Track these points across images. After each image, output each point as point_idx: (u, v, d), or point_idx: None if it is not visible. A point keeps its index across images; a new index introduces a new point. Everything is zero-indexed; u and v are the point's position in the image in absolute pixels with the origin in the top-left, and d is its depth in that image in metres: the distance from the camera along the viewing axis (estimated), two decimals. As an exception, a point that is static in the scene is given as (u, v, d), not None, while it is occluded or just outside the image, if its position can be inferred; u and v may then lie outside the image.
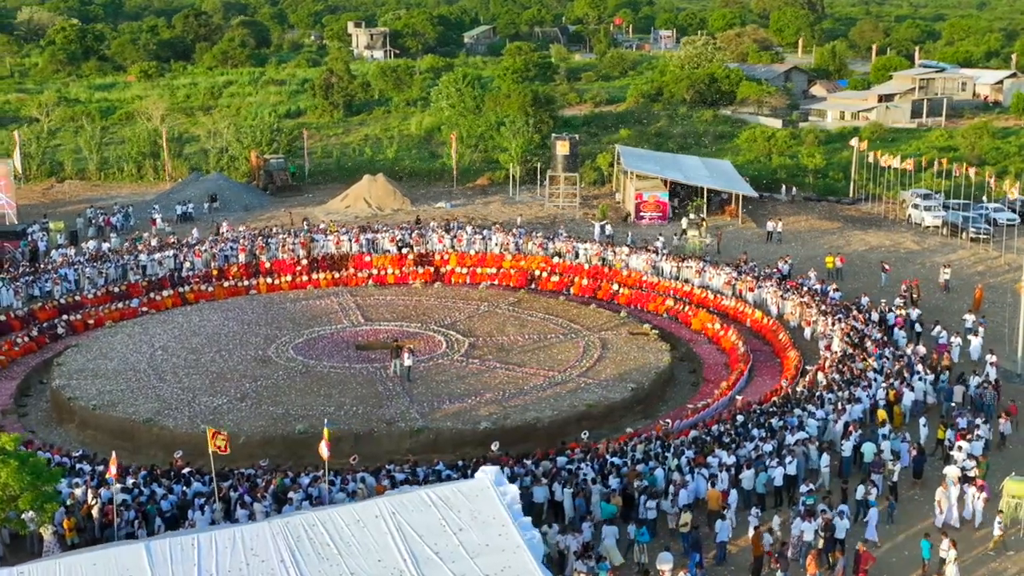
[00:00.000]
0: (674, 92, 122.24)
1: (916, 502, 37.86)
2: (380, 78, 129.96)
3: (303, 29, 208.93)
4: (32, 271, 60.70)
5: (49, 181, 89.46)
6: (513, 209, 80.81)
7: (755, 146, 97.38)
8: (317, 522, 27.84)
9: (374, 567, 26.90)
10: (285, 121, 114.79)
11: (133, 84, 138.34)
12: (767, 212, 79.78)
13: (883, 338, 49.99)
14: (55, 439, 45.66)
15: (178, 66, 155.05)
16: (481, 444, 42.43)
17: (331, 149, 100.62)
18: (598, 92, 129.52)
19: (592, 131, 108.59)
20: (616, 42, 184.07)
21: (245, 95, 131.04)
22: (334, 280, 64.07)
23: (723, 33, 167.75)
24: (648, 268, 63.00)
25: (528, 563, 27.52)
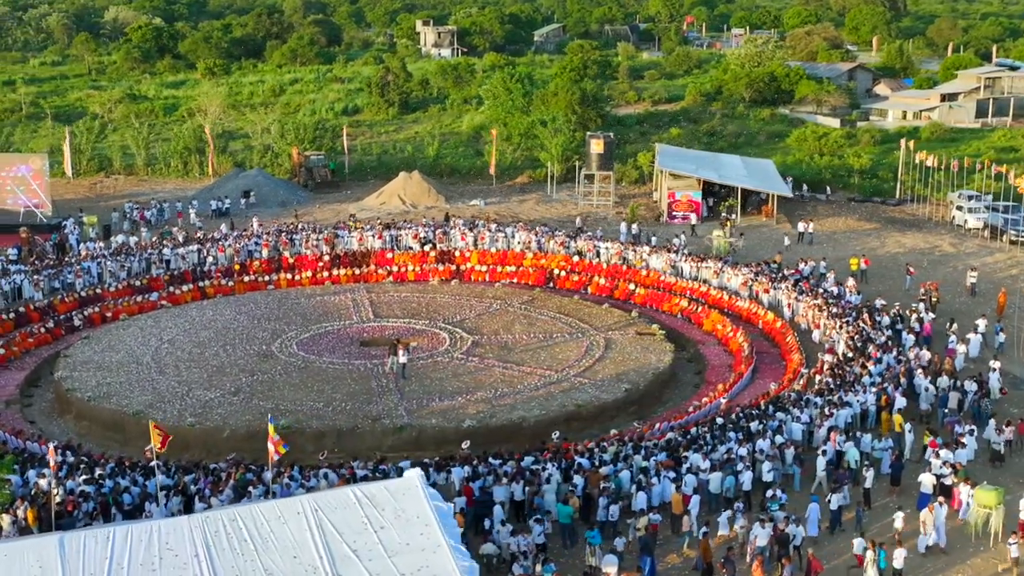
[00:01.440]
0: (733, 91, 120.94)
1: (890, 510, 36.91)
2: (440, 76, 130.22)
3: (379, 27, 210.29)
4: (56, 264, 61.70)
5: (98, 176, 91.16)
6: (547, 207, 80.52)
7: (805, 145, 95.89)
8: (237, 517, 27.89)
9: (289, 564, 26.87)
10: (341, 118, 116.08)
11: (201, 82, 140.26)
12: (807, 212, 78.46)
13: (888, 342, 48.80)
14: (54, 430, 46.53)
15: (248, 64, 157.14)
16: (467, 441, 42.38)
17: (372, 146, 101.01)
18: (657, 90, 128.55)
19: (644, 130, 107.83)
20: (687, 40, 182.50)
21: (308, 92, 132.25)
22: (354, 276, 64.29)
23: (793, 31, 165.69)
24: (667, 268, 62.34)
25: (447, 563, 27.29)
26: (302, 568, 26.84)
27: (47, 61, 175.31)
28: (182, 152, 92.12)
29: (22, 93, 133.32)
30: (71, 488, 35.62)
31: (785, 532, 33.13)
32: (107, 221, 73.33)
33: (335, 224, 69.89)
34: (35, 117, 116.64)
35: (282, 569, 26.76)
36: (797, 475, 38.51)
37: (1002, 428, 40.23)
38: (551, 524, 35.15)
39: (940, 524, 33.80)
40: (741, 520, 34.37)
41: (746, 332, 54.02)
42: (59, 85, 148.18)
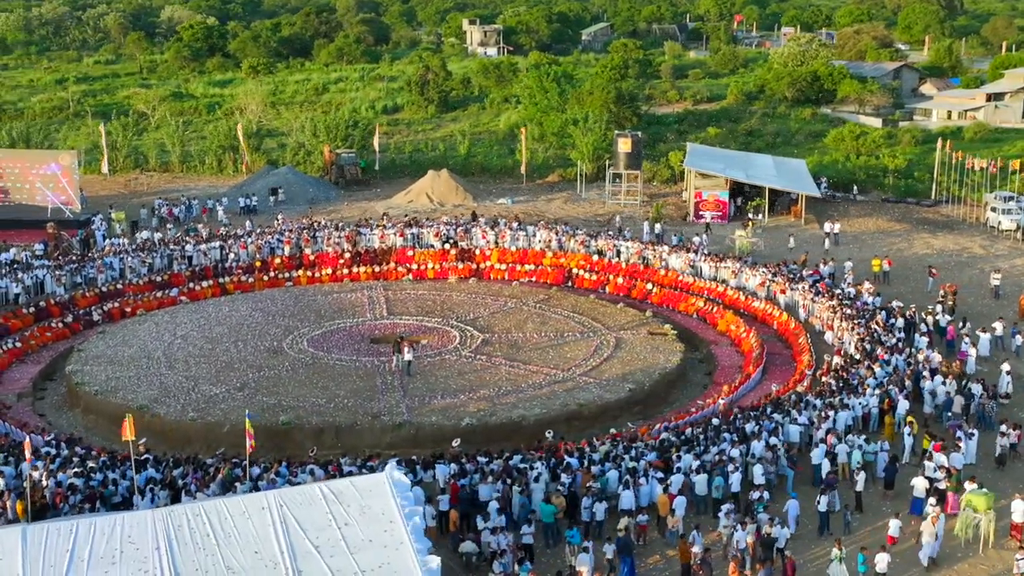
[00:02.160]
0: (775, 90, 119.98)
1: (883, 514, 36.41)
2: (482, 75, 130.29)
3: (430, 26, 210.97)
4: (79, 259, 62.43)
5: (134, 173, 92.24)
6: (575, 207, 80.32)
7: (842, 145, 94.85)
8: (202, 512, 28.02)
9: (249, 559, 26.96)
10: (381, 116, 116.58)
11: (247, 80, 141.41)
12: (837, 213, 77.62)
13: (898, 344, 48.09)
14: (63, 423, 47.12)
15: (296, 62, 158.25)
16: (464, 440, 42.15)
17: (405, 144, 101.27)
18: (699, 90, 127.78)
19: (682, 129, 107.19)
20: (736, 39, 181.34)
21: (350, 91, 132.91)
22: (374, 274, 64.46)
23: (841, 31, 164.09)
24: (686, 268, 61.91)
25: (408, 560, 27.27)
26: (262, 563, 26.91)
27: (101, 60, 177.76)
28: (216, 150, 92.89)
29: (72, 91, 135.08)
30: (61, 481, 35.97)
31: (769, 534, 32.72)
32: (135, 217, 74.13)
33: (357, 222, 70.00)
34: (81, 115, 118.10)
35: (242, 564, 26.84)
36: (791, 477, 38.05)
37: (1007, 432, 39.47)
38: (535, 523, 35.04)
39: (939, 535, 32.99)
40: (724, 521, 34.02)
41: (759, 333, 53.51)
42: (110, 84, 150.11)
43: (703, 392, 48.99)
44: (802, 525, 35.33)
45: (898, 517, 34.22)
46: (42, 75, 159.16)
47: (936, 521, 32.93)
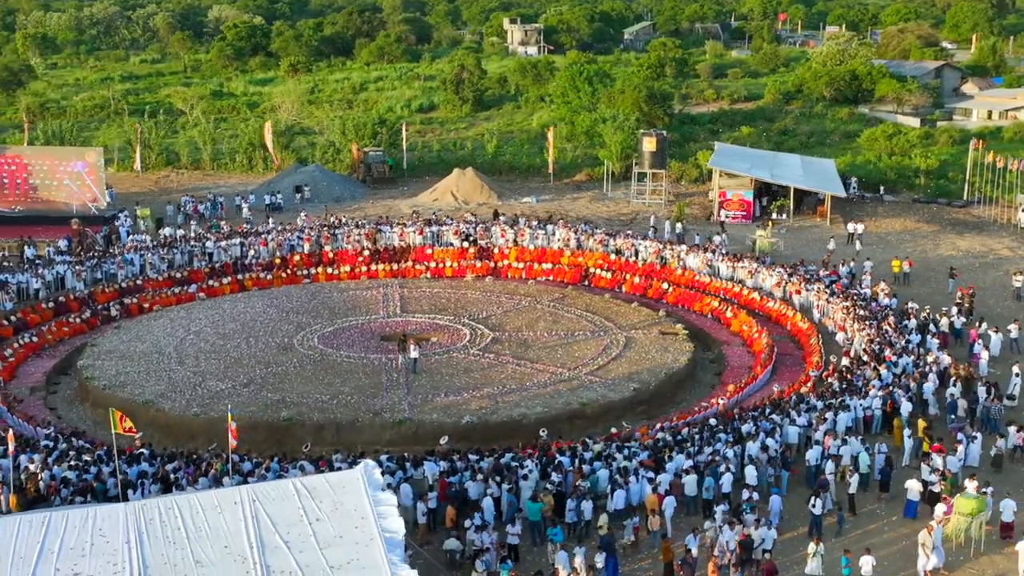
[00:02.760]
0: (812, 89, 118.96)
1: (875, 516, 36.05)
2: (519, 73, 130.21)
3: (474, 26, 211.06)
4: (99, 255, 63.06)
5: (165, 170, 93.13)
6: (600, 205, 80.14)
7: (876, 145, 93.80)
8: (175, 506, 28.23)
9: (218, 553, 27.09)
10: (415, 115, 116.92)
11: (286, 79, 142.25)
12: (865, 213, 76.84)
13: (907, 345, 47.55)
14: (73, 417, 47.66)
15: (337, 61, 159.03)
16: (463, 438, 42.44)
17: (433, 143, 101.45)
18: (737, 89, 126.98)
19: (716, 128, 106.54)
20: (780, 39, 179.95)
21: (388, 89, 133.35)
22: (392, 272, 64.62)
23: (886, 30, 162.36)
24: (704, 267, 61.55)
25: (377, 556, 27.28)
26: (231, 557, 27.03)
27: (147, 59, 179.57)
28: (247, 148, 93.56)
29: (116, 90, 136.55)
30: (55, 473, 36.37)
31: (750, 536, 32.47)
32: (161, 214, 74.85)
33: (377, 219, 70.21)
34: (119, 113, 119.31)
35: (211, 558, 26.97)
36: (785, 479, 37.74)
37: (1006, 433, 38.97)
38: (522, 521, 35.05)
39: (939, 544, 32.43)
40: (707, 523, 33.82)
41: (770, 333, 53.14)
42: (153, 82, 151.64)
43: (710, 392, 48.68)
44: (794, 527, 35.03)
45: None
46: (88, 74, 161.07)
47: (932, 531, 32.24)
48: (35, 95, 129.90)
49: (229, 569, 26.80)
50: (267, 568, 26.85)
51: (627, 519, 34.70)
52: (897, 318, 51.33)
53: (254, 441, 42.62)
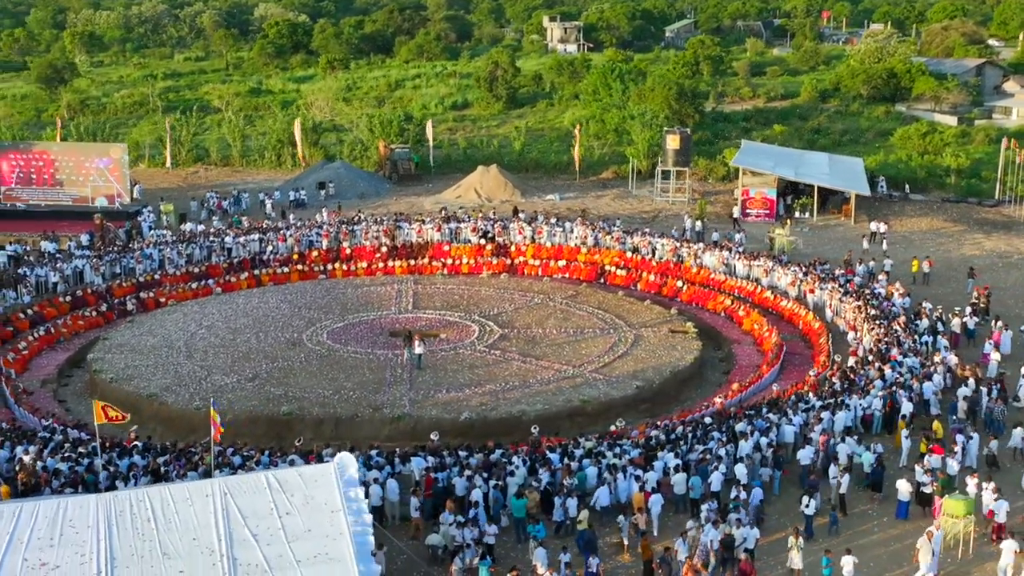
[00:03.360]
0: (849, 87, 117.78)
1: (867, 517, 35.63)
2: (555, 71, 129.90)
3: (517, 23, 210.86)
4: (120, 250, 63.63)
5: (195, 166, 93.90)
6: (623, 203, 79.89)
7: (909, 144, 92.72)
8: (146, 497, 28.39)
9: (186, 545, 27.22)
10: (450, 112, 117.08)
11: (324, 76, 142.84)
12: (893, 212, 76.03)
13: (914, 345, 46.96)
14: (82, 409, 48.10)
15: (377, 59, 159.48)
16: (461, 434, 42.45)
17: (459, 140, 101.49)
18: (774, 87, 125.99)
19: (749, 126, 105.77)
20: (823, 36, 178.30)
21: (425, 87, 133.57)
22: (409, 268, 64.72)
23: (929, 27, 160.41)
24: (720, 266, 61.14)
25: (345, 550, 27.34)
26: (198, 549, 27.16)
27: (191, 57, 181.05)
28: (275, 144, 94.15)
29: (158, 87, 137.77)
30: (48, 465, 36.70)
31: (731, 535, 32.18)
32: (184, 210, 75.47)
33: (396, 216, 70.34)
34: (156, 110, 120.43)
35: (178, 550, 27.12)
36: (777, 478, 37.40)
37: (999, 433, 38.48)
38: (507, 518, 34.99)
39: (937, 551, 31.71)
40: (690, 522, 33.53)
41: (780, 332, 52.74)
42: (195, 80, 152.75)
43: (715, 391, 48.32)
44: (783, 526, 34.60)
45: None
46: (131, 71, 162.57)
47: (932, 537, 31.67)
48: (76, 92, 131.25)
49: (196, 561, 26.93)
50: (234, 560, 26.95)
51: (615, 517, 34.49)
52: (909, 318, 50.67)
53: (254, 435, 43.02)
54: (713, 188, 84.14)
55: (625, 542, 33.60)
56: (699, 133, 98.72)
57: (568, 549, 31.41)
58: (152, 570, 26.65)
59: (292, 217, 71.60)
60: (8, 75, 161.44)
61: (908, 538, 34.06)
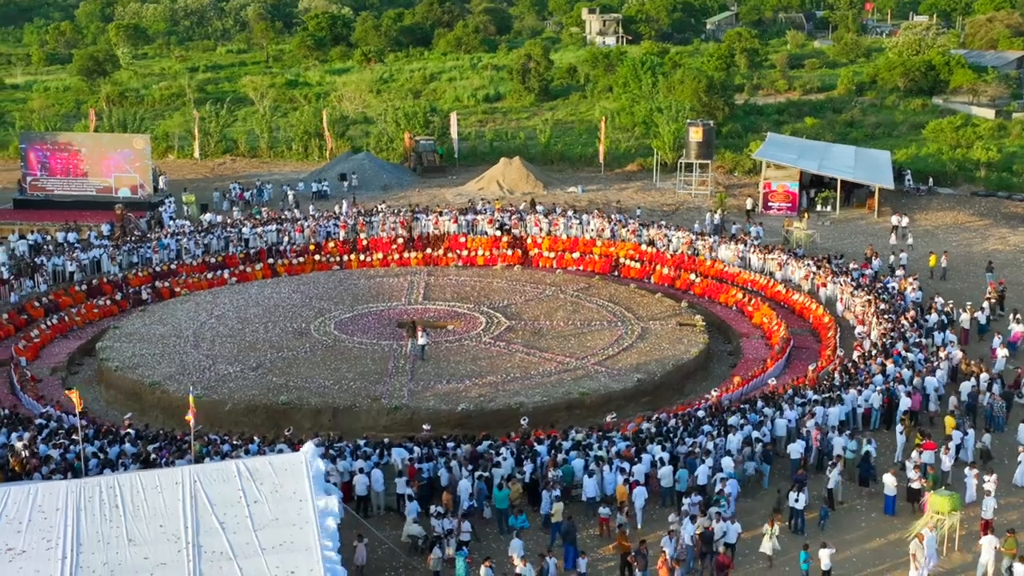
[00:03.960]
0: (886, 80, 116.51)
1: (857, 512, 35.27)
2: (590, 63, 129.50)
3: (559, 15, 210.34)
4: (138, 239, 64.12)
5: (224, 158, 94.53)
6: (645, 195, 79.53)
7: (941, 137, 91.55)
8: (116, 484, 28.62)
9: (153, 532, 27.46)
10: (482, 104, 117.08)
11: (360, 69, 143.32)
12: (920, 206, 75.10)
13: (920, 340, 46.38)
14: (89, 397, 48.33)
15: (416, 51, 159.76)
16: (458, 425, 42.47)
17: (486, 132, 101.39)
18: (810, 79, 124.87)
19: (782, 119, 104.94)
20: (866, 28, 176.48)
21: (460, 79, 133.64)
22: (424, 259, 64.75)
23: (973, 19, 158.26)
24: (735, 259, 60.67)
25: (310, 538, 27.52)
26: (164, 537, 27.40)
27: (233, 49, 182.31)
28: (303, 136, 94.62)
29: (198, 79, 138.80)
30: (42, 451, 37.09)
31: (710, 529, 31.94)
32: (207, 200, 75.99)
33: (414, 208, 70.40)
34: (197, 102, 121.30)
35: (144, 536, 27.36)
36: (767, 473, 37.11)
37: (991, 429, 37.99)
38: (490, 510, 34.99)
39: (932, 553, 31.13)
40: (672, 516, 33.32)
41: (790, 326, 52.31)
42: (234, 72, 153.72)
43: (719, 384, 47.94)
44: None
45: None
46: (173, 63, 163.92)
47: (923, 539, 31.14)
48: (115, 84, 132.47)
49: (161, 547, 27.18)
50: (199, 548, 27.18)
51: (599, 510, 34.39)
52: (918, 313, 50.03)
53: (252, 424, 43.30)
54: (739, 181, 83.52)
55: (625, 531, 33.24)
56: (729, 126, 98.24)
57: (553, 552, 31.12)
58: (117, 556, 26.92)
59: (311, 208, 71.81)
60: (54, 67, 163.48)
61: (892, 533, 33.84)
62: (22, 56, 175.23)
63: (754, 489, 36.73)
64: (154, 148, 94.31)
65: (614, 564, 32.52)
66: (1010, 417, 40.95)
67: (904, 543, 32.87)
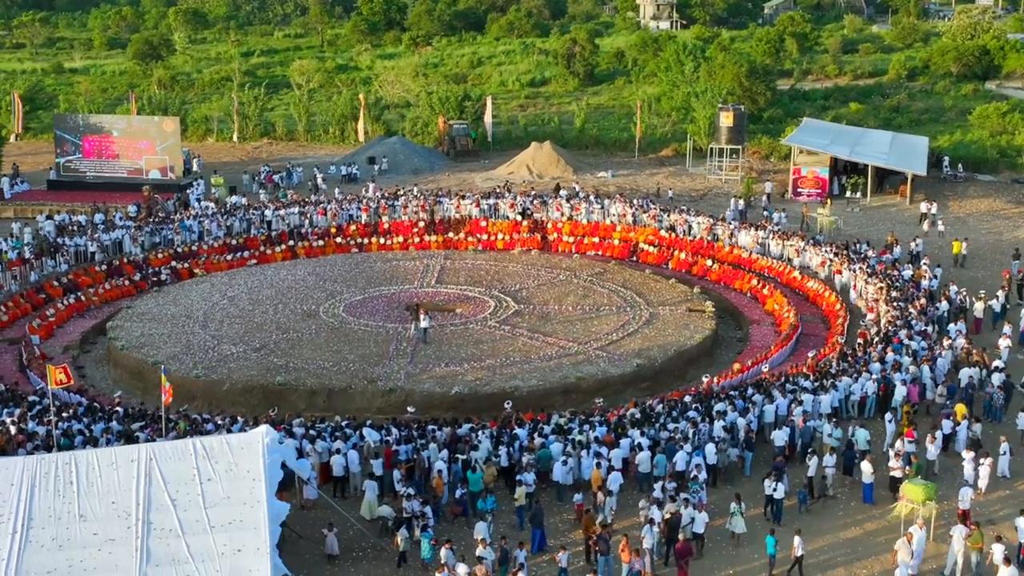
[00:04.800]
0: (939, 65, 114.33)
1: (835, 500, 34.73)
2: (638, 48, 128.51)
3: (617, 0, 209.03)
4: (161, 221, 64.72)
5: (261, 141, 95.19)
6: (676, 180, 78.81)
7: (987, 123, 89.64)
8: (72, 461, 28.84)
9: (104, 508, 27.69)
10: (526, 89, 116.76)
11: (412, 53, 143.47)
12: (957, 193, 73.67)
13: (925, 328, 45.50)
14: (97, 376, 49.30)
15: (468, 36, 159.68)
16: (452, 408, 42.42)
17: (520, 117, 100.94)
18: (861, 64, 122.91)
19: (827, 104, 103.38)
20: (927, 12, 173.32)
21: (508, 63, 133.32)
22: (445, 243, 64.72)
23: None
24: (754, 245, 59.94)
25: (259, 518, 27.57)
26: (115, 513, 27.62)
27: (290, 34, 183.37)
28: (339, 120, 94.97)
29: (251, 63, 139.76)
30: (31, 428, 37.58)
31: (676, 515, 31.59)
32: (236, 183, 76.55)
33: (436, 191, 70.40)
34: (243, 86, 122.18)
35: (95, 513, 27.61)
36: (748, 460, 36.65)
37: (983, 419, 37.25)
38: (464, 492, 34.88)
39: (919, 552, 30.25)
40: (643, 502, 33.01)
41: (800, 313, 51.65)
42: (288, 56, 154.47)
43: (722, 370, 47.41)
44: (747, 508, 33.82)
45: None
46: (229, 48, 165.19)
47: (911, 538, 30.41)
48: (168, 68, 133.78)
49: (111, 524, 27.43)
50: (148, 524, 27.42)
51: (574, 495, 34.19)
52: (928, 300, 49.12)
53: (249, 404, 43.55)
54: (774, 167, 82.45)
55: (593, 515, 32.92)
56: (770, 111, 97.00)
57: (522, 551, 30.79)
58: (67, 531, 27.22)
59: (336, 191, 72.07)
60: (114, 52, 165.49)
61: (869, 522, 33.30)
62: (84, 41, 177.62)
63: (735, 475, 36.29)
64: (193, 131, 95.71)
65: (582, 548, 32.32)
66: (1009, 408, 40.05)
67: (879, 532, 32.48)
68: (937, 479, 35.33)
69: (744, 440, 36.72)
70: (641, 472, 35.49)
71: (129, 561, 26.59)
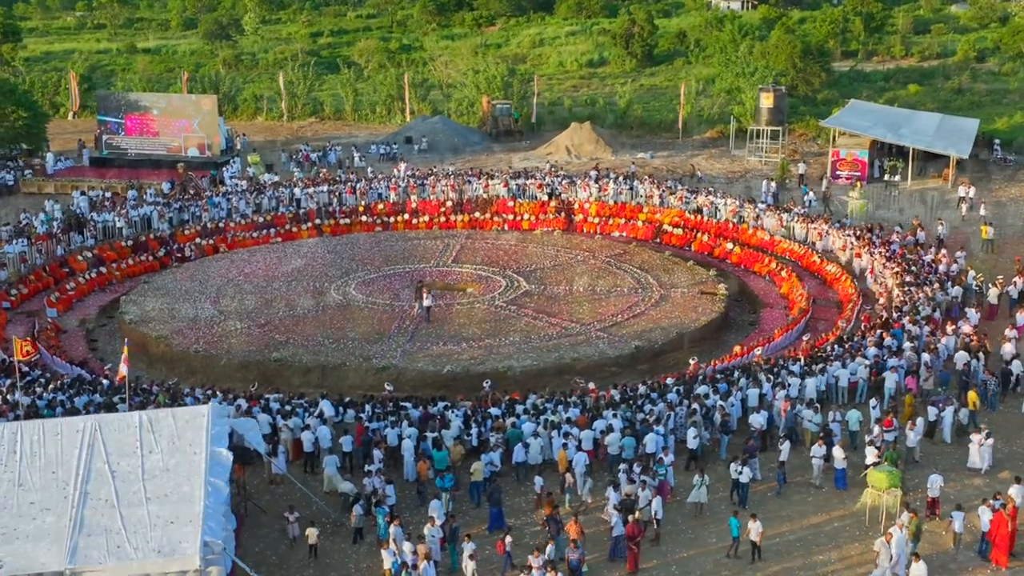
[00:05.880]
0: (1009, 46, 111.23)
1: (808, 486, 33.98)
2: (701, 28, 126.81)
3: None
4: (191, 197, 65.33)
5: (310, 119, 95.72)
6: (716, 163, 77.80)
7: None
8: (20, 430, 29.14)
9: (44, 478, 27.96)
10: (584, 70, 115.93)
11: (472, 34, 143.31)
12: (1005, 177, 71.66)
13: (932, 314, 44.32)
14: (109, 349, 49.89)
15: (536, 16, 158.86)
16: (444, 387, 42.36)
17: (563, 98, 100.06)
18: (929, 45, 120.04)
19: (888, 86, 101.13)
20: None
21: (568, 44, 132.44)
22: (471, 223, 64.50)
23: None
24: (779, 228, 58.87)
25: (195, 490, 27.66)
26: (54, 483, 27.88)
27: (362, 14, 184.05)
28: (386, 99, 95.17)
29: (319, 43, 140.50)
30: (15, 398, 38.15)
31: (629, 496, 31.12)
32: (273, 161, 77.05)
33: (465, 171, 70.17)
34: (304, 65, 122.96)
35: (34, 483, 27.90)
36: (724, 443, 36.01)
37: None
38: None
39: (901, 553, 28.90)
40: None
41: (815, 297, 50.72)
42: (356, 37, 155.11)
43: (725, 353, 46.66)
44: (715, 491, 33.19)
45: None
46: (299, 28, 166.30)
47: (890, 538, 29.42)
48: (233, 48, 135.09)
49: (49, 493, 27.69)
50: (85, 494, 27.61)
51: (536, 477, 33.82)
52: (940, 285, 47.80)
53: (245, 380, 43.73)
54: (820, 148, 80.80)
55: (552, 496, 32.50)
56: (825, 92, 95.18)
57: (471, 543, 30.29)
58: (4, 499, 27.49)
59: (369, 170, 72.25)
60: (189, 33, 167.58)
61: (836, 509, 32.48)
62: (162, 22, 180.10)
63: (712, 459, 35.67)
64: (243, 110, 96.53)
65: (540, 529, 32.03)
66: (1007, 397, 38.89)
67: (843, 519, 31.74)
68: (917, 467, 34.47)
69: (720, 424, 36.01)
70: (611, 454, 34.98)
71: (62, 530, 26.76)
